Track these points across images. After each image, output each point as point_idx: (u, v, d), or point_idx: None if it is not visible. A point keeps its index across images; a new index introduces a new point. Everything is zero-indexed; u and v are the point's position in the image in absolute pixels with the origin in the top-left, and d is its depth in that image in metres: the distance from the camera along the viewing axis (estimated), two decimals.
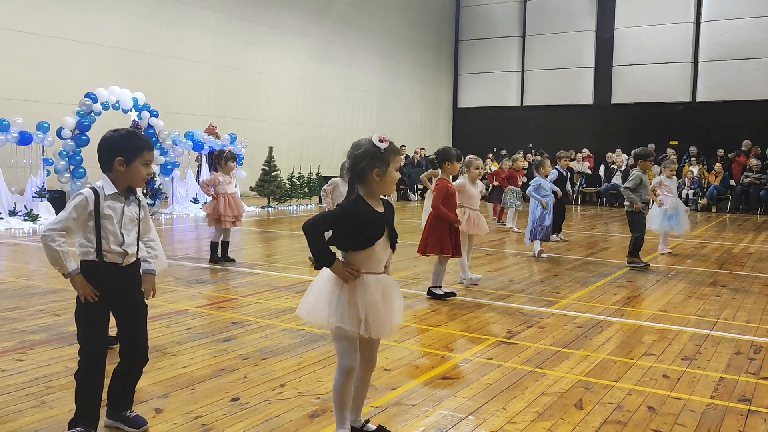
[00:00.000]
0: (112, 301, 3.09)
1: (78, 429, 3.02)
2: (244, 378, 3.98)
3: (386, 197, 3.14)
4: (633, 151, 8.54)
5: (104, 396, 3.18)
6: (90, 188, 3.07)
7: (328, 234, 2.97)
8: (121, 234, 3.08)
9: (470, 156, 7.18)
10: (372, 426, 3.19)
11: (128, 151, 3.07)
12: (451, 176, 6.42)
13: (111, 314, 3.16)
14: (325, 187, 8.30)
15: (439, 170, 6.44)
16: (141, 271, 3.24)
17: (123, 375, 3.21)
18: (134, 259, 3.15)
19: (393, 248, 3.07)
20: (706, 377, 4.15)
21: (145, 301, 3.26)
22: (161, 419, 3.34)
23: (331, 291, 2.94)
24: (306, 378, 4.00)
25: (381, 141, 2.95)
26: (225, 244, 8.20)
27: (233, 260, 8.13)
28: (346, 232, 2.94)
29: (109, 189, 3.07)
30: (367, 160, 2.92)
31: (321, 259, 2.91)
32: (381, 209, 3.00)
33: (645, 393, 3.84)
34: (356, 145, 2.98)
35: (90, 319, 3.06)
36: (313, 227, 2.90)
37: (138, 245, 3.18)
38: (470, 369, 4.24)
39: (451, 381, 4.01)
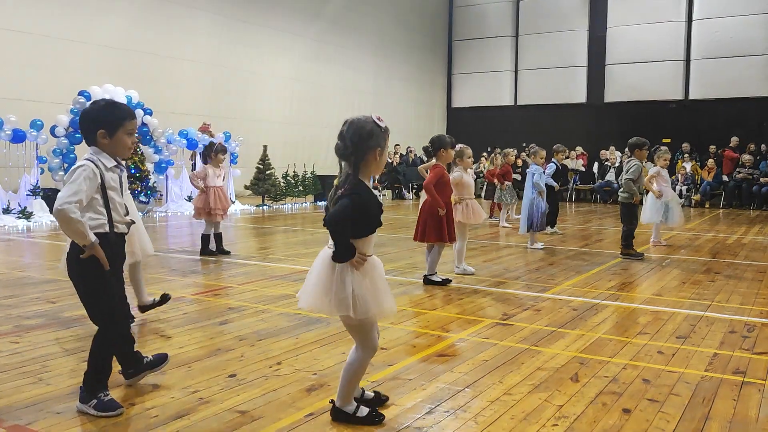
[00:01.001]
0: (117, 269, 3.16)
1: (102, 393, 3.08)
2: (240, 357, 3.99)
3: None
4: (628, 142, 8.56)
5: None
6: (88, 160, 3.04)
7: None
8: (125, 204, 3.16)
9: (460, 145, 7.17)
10: (370, 393, 3.23)
11: (110, 123, 3.06)
12: (446, 163, 6.43)
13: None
14: None
15: (434, 158, 6.45)
16: None
17: (124, 337, 3.31)
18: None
19: None
20: (700, 353, 4.18)
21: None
22: (159, 394, 3.35)
23: (347, 282, 2.85)
24: (303, 356, 4.01)
25: (380, 120, 2.94)
26: (218, 236, 8.17)
27: (228, 252, 8.13)
28: (360, 221, 2.85)
29: (109, 162, 3.09)
30: (372, 139, 2.86)
31: (348, 252, 2.82)
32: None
33: (640, 367, 3.87)
34: (359, 124, 2.87)
35: (108, 287, 3.08)
36: (341, 219, 2.78)
37: None
38: (466, 347, 4.26)
39: (447, 358, 4.02)
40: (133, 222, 3.21)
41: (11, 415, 3.07)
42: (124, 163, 3.25)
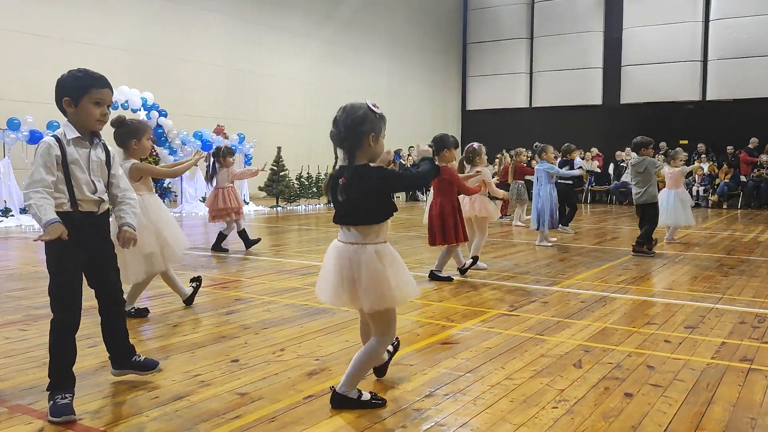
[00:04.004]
0: (86, 253, 2.96)
1: (60, 396, 2.85)
2: (244, 344, 4.00)
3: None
4: (633, 141, 8.44)
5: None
6: (51, 136, 2.91)
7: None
8: (92, 181, 2.95)
9: (474, 144, 7.18)
10: (367, 395, 3.04)
11: (74, 90, 2.89)
12: (448, 163, 6.37)
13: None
14: None
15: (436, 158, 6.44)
16: (119, 223, 3.10)
17: (109, 325, 3.18)
18: (107, 206, 3.06)
19: None
20: (708, 342, 4.13)
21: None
22: (160, 377, 3.36)
23: (394, 272, 2.91)
24: (306, 344, 4.01)
25: (375, 106, 2.90)
26: (223, 236, 8.21)
27: (227, 250, 8.16)
28: (379, 204, 2.93)
29: (71, 133, 2.92)
30: (366, 124, 2.84)
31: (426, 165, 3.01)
32: None
33: (645, 355, 3.83)
34: (352, 108, 2.88)
35: (61, 271, 2.89)
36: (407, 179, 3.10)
37: (107, 193, 3.06)
38: (470, 336, 4.24)
39: (450, 346, 4.01)
40: (103, 200, 2.99)
41: (15, 395, 3.10)
42: (100, 139, 3.04)
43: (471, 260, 6.54)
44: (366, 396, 2.98)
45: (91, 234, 2.97)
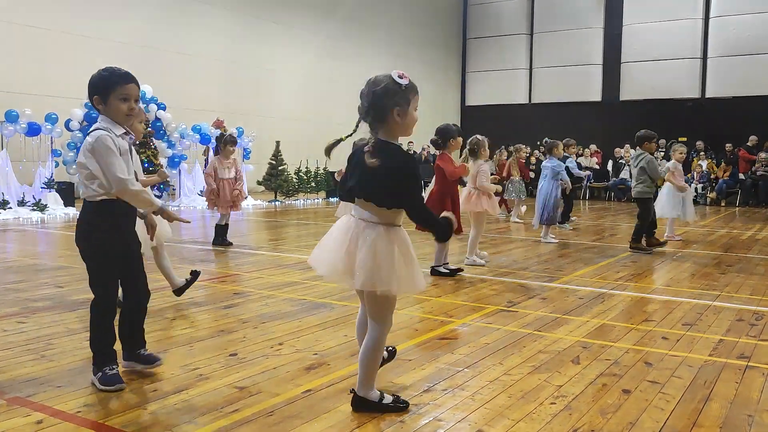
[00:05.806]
0: (127, 240, 3.14)
1: (108, 367, 3.08)
2: (243, 338, 4.00)
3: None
4: (636, 135, 8.45)
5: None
6: (101, 129, 3.01)
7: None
8: (135, 172, 3.15)
9: (477, 137, 7.14)
10: (389, 397, 2.95)
11: (102, 89, 3.01)
12: (454, 152, 6.38)
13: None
14: None
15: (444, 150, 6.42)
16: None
17: (131, 315, 3.30)
18: None
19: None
20: (705, 339, 4.14)
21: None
22: (158, 370, 3.36)
23: (396, 257, 2.71)
24: (305, 338, 4.02)
25: (401, 77, 2.72)
26: (225, 228, 8.19)
27: (231, 244, 8.13)
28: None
29: (117, 129, 3.06)
30: (387, 98, 2.70)
31: (447, 227, 2.80)
32: None
33: (643, 351, 3.84)
34: (374, 81, 2.75)
35: (108, 256, 3.09)
36: (419, 202, 2.76)
37: None
38: (469, 332, 4.25)
39: (448, 341, 4.02)
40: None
41: (13, 388, 3.10)
42: (132, 136, 3.25)
43: (451, 269, 6.32)
44: (388, 399, 2.88)
45: (130, 221, 3.15)
